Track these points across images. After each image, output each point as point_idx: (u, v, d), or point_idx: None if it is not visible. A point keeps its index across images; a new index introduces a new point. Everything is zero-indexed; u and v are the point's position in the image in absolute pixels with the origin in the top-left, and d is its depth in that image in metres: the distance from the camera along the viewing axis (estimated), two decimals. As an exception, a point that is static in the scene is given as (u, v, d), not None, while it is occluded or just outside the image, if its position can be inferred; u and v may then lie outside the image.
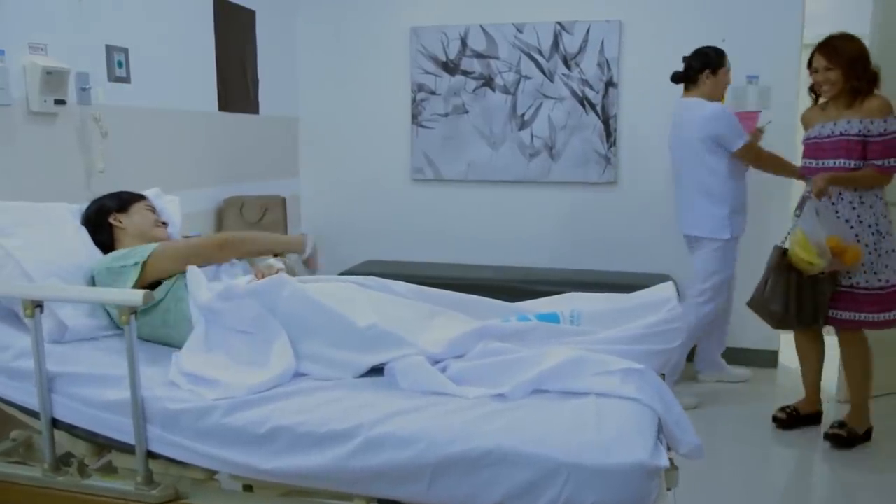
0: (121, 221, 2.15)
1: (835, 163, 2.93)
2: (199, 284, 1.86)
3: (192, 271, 1.93)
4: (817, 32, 3.20)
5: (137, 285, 1.88)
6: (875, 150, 2.86)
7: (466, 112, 4.15)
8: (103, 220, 2.15)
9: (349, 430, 1.50)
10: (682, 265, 3.99)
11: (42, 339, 1.65)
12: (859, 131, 2.86)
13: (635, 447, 1.42)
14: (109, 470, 1.75)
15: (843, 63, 2.88)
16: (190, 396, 1.61)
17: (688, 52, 3.43)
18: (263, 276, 1.93)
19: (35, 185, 2.53)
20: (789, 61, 3.77)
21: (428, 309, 1.95)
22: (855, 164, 2.89)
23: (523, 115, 4.10)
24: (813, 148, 3.04)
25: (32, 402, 1.70)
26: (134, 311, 1.57)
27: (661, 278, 3.89)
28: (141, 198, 2.26)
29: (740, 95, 3.83)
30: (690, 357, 3.66)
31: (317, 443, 1.51)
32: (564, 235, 4.17)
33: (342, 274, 3.05)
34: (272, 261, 2.10)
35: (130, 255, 1.95)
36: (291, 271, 2.09)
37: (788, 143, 3.82)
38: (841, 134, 2.91)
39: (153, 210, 2.26)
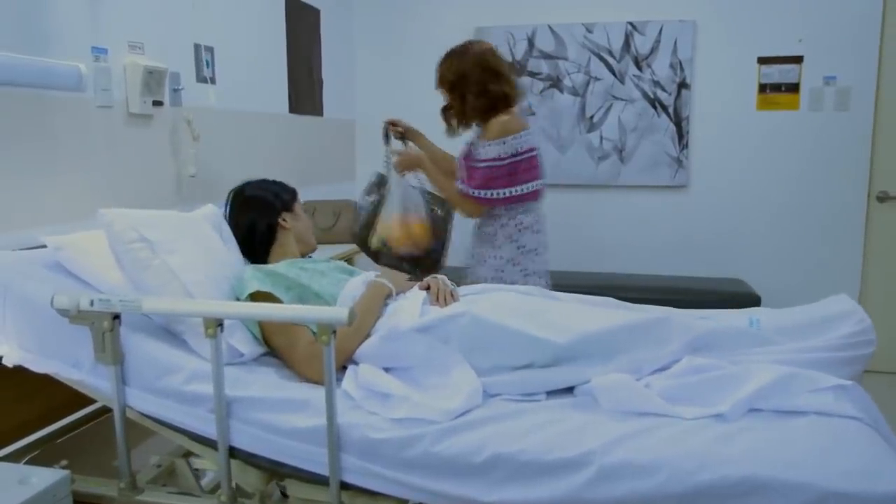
0: (287, 221, 1.98)
1: None
2: None
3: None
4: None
5: None
6: None
7: (533, 114, 4.04)
8: (272, 219, 1.97)
9: (580, 458, 1.38)
10: (755, 269, 3.93)
11: (222, 361, 1.51)
12: None
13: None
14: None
15: None
16: (390, 425, 1.47)
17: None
18: (429, 287, 1.82)
19: (128, 189, 2.39)
20: (868, 61, 3.71)
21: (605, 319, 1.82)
22: None
23: (592, 117, 4.00)
24: None
25: (205, 429, 1.56)
26: (334, 329, 1.44)
27: (734, 283, 3.84)
28: (296, 193, 2.08)
29: (817, 97, 3.77)
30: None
31: (544, 472, 1.39)
32: (634, 240, 4.09)
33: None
34: (441, 277, 1.93)
35: (247, 286, 1.75)
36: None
37: (865, 147, 3.77)
38: None
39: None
